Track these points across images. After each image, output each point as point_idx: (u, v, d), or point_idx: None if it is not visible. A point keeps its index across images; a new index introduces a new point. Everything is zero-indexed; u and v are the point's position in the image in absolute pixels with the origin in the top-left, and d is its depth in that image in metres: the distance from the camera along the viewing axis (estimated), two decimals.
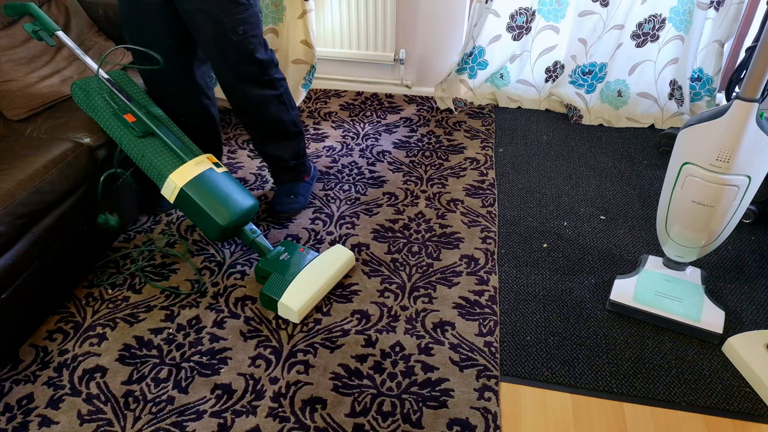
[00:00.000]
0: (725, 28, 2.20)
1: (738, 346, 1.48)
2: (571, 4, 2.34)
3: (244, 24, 1.65)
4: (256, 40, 1.70)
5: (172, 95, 1.85)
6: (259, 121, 1.89)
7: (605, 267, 1.78)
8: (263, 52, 1.74)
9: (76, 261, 1.69)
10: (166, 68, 1.73)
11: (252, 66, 1.73)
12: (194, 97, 1.90)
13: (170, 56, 1.74)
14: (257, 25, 1.71)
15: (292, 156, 1.98)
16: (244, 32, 1.65)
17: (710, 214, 1.44)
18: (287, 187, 2.02)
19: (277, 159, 1.98)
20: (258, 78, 1.76)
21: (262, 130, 1.91)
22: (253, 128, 1.93)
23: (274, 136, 1.93)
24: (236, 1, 1.61)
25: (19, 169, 1.50)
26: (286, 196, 1.99)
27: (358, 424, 1.35)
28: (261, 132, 1.93)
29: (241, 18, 1.64)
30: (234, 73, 1.73)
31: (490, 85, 2.62)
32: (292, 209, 1.98)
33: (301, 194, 2.02)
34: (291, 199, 1.98)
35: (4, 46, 1.78)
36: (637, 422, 1.36)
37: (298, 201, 2.00)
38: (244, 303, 1.67)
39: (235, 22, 1.63)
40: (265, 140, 1.95)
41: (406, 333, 1.57)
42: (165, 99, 1.84)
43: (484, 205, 2.04)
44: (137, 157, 1.67)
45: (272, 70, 1.80)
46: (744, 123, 1.31)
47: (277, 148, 1.96)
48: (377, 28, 2.54)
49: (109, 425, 1.35)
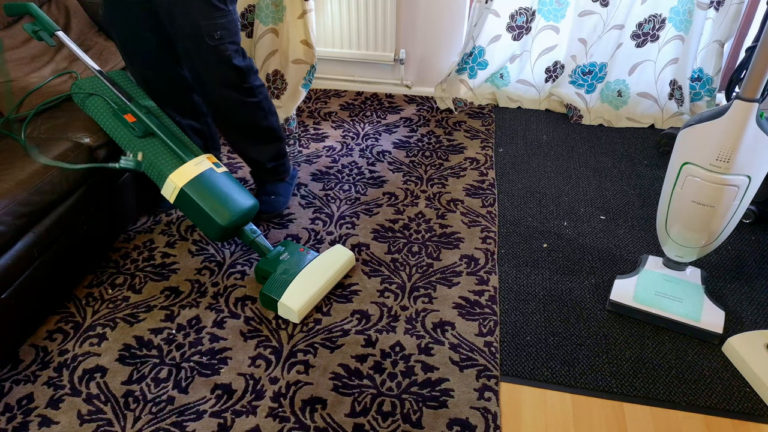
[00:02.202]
0: (725, 28, 2.20)
1: (738, 346, 1.48)
2: (571, 4, 2.34)
3: (221, 29, 1.64)
4: (234, 47, 1.69)
5: (161, 94, 1.84)
6: (236, 125, 1.88)
7: (605, 267, 1.78)
8: (240, 60, 1.72)
9: (76, 261, 1.69)
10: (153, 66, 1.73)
11: (229, 71, 1.71)
12: (183, 94, 1.89)
13: (156, 54, 1.74)
14: (235, 32, 1.70)
15: (270, 159, 1.97)
16: (221, 37, 1.64)
17: (710, 214, 1.44)
18: (267, 187, 2.01)
19: (256, 162, 1.98)
20: (236, 84, 1.75)
21: (240, 134, 1.91)
22: (231, 132, 1.92)
23: (253, 140, 1.93)
24: (214, 5, 1.60)
25: (19, 169, 1.50)
26: (266, 196, 1.98)
27: (358, 424, 1.35)
28: (239, 136, 1.92)
29: (219, 23, 1.63)
30: (211, 76, 1.72)
31: (490, 85, 2.62)
32: (273, 209, 1.97)
33: (280, 194, 2.01)
34: (271, 198, 1.98)
35: (5, 46, 1.78)
36: (637, 422, 1.36)
37: (278, 201, 1.99)
38: (244, 303, 1.67)
39: (213, 26, 1.62)
40: (243, 143, 1.94)
41: (406, 333, 1.57)
42: (157, 99, 1.83)
43: (484, 205, 2.04)
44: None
45: (251, 77, 1.78)
46: (744, 123, 1.31)
47: (256, 152, 1.95)
48: (377, 28, 2.54)
49: (109, 425, 1.35)
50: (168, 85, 1.86)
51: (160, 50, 1.75)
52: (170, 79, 1.84)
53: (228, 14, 1.65)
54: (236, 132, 1.91)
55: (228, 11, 1.65)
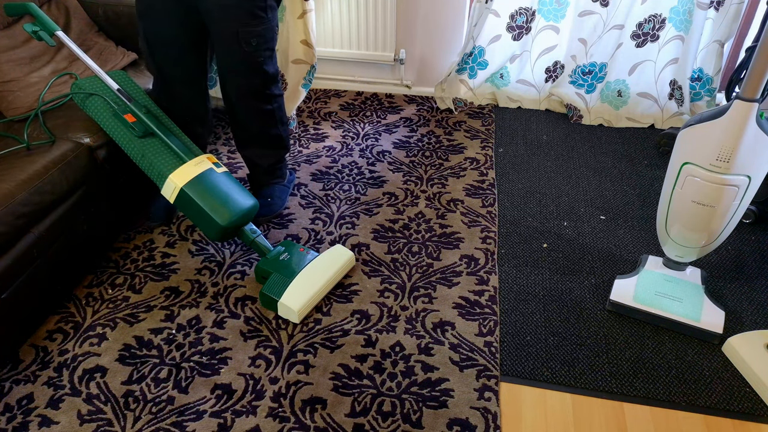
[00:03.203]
0: (725, 28, 2.20)
1: (738, 346, 1.48)
2: (571, 4, 2.34)
3: (257, 37, 1.64)
4: (268, 53, 1.70)
5: (179, 97, 1.84)
6: (246, 126, 1.88)
7: (605, 267, 1.78)
8: (271, 66, 1.73)
9: (76, 261, 1.69)
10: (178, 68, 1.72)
11: (257, 78, 1.72)
12: (201, 101, 1.90)
13: (183, 56, 1.74)
14: (271, 39, 1.70)
15: (269, 164, 1.97)
16: (257, 45, 1.65)
17: (710, 214, 1.44)
18: (264, 190, 2.00)
19: (255, 163, 1.98)
20: (259, 90, 1.76)
21: (248, 134, 1.91)
22: (239, 129, 1.92)
23: (259, 144, 1.93)
24: (254, 14, 1.60)
25: (19, 169, 1.50)
26: (262, 199, 1.97)
27: (358, 424, 1.35)
28: (246, 135, 1.92)
29: (256, 31, 1.63)
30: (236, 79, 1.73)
31: (490, 85, 2.62)
32: (269, 212, 1.96)
33: (276, 196, 1.99)
34: (267, 201, 1.96)
35: (5, 46, 1.78)
36: (637, 422, 1.36)
37: (274, 203, 1.97)
38: (244, 303, 1.67)
39: (249, 34, 1.62)
40: (246, 143, 1.94)
41: (406, 333, 1.57)
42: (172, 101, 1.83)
43: (484, 205, 2.04)
44: (137, 158, 1.67)
45: (273, 85, 1.79)
46: (744, 123, 1.31)
47: (257, 155, 1.95)
48: (377, 28, 2.54)
49: (109, 425, 1.35)
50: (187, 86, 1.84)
51: (188, 51, 1.75)
52: (191, 81, 1.84)
53: (266, 22, 1.65)
54: (245, 132, 1.91)
55: (267, 19, 1.65)
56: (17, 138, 1.61)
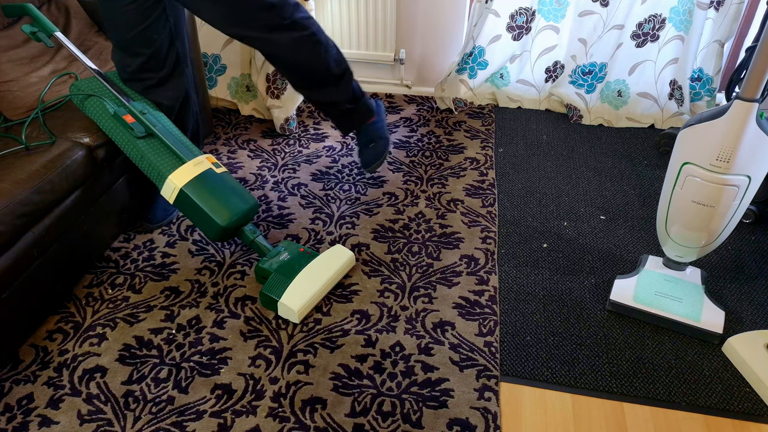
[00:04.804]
0: (725, 28, 2.20)
1: (738, 346, 1.48)
2: (571, 4, 2.34)
3: None
4: None
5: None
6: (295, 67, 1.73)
7: (605, 267, 1.78)
8: None
9: (76, 261, 1.69)
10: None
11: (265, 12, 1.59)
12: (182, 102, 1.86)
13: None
14: None
15: (346, 99, 1.80)
16: None
17: (710, 214, 1.44)
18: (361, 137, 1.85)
19: (330, 105, 1.81)
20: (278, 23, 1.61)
21: (301, 76, 1.76)
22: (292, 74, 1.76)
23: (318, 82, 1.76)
24: None
25: (19, 169, 1.50)
26: (364, 147, 1.84)
27: (358, 424, 1.35)
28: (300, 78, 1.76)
29: None
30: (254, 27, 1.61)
31: (490, 85, 2.62)
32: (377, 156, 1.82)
33: (378, 136, 1.86)
34: (370, 147, 1.84)
35: (4, 46, 1.78)
36: (637, 422, 1.36)
37: (379, 145, 1.85)
38: (244, 303, 1.67)
39: None
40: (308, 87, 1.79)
41: (406, 333, 1.57)
42: None
43: (484, 205, 2.04)
44: (137, 158, 1.67)
45: (288, 10, 1.64)
46: (744, 123, 1.31)
47: (326, 94, 1.79)
48: (377, 28, 2.54)
49: (109, 425, 1.35)
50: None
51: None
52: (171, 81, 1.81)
53: None
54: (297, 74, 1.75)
55: None
56: (17, 138, 1.61)
